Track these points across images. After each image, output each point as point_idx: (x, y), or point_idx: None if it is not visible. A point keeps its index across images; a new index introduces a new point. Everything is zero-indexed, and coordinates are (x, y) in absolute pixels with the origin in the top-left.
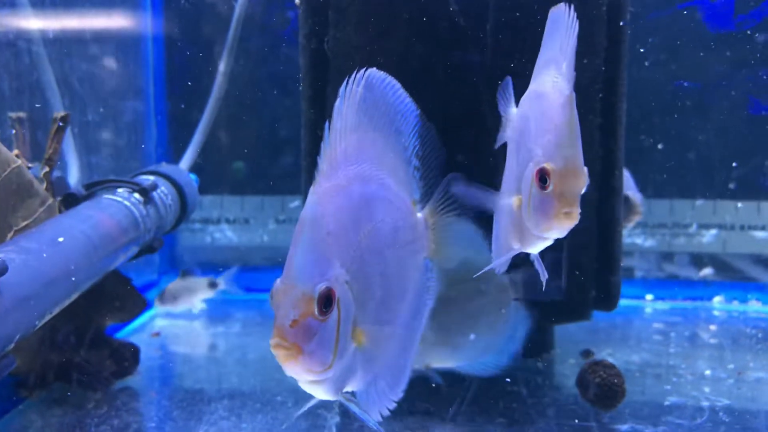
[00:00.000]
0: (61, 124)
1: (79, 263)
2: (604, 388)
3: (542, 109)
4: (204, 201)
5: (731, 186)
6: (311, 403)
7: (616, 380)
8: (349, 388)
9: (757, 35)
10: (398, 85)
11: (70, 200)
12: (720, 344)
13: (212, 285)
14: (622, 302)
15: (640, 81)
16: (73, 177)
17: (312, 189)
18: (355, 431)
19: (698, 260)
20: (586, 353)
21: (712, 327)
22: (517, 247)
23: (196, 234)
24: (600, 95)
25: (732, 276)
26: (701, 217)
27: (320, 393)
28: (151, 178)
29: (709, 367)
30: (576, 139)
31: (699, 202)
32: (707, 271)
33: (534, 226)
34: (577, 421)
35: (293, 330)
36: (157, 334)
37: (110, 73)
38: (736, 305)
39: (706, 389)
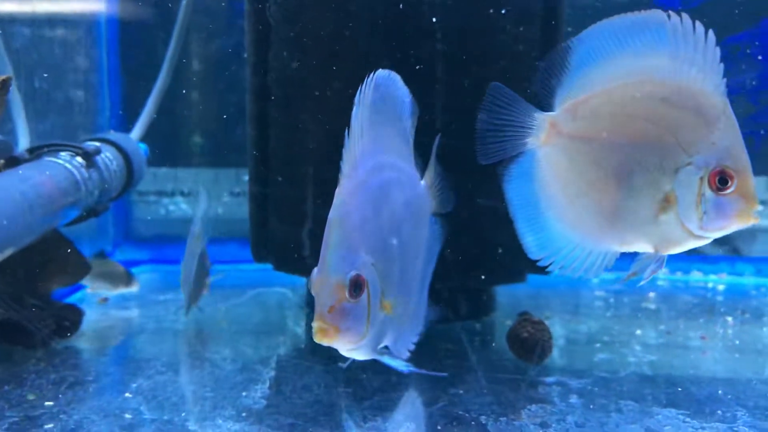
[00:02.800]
0: (2, 88)
1: (15, 220)
2: (531, 342)
3: (688, 109)
4: (158, 173)
5: None
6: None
7: (544, 335)
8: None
9: (703, 12)
10: (398, 77)
11: (13, 163)
12: (657, 309)
13: (128, 282)
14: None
15: None
16: (23, 146)
17: (337, 191)
18: (288, 385)
19: None
20: (523, 315)
21: (651, 294)
22: (617, 249)
23: (151, 206)
24: (537, 63)
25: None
26: None
27: (359, 356)
28: (97, 144)
29: (640, 329)
30: (741, 138)
31: None
32: None
33: (706, 229)
34: (505, 374)
35: (331, 315)
36: (105, 299)
37: (63, 44)
38: (679, 275)
39: (637, 347)
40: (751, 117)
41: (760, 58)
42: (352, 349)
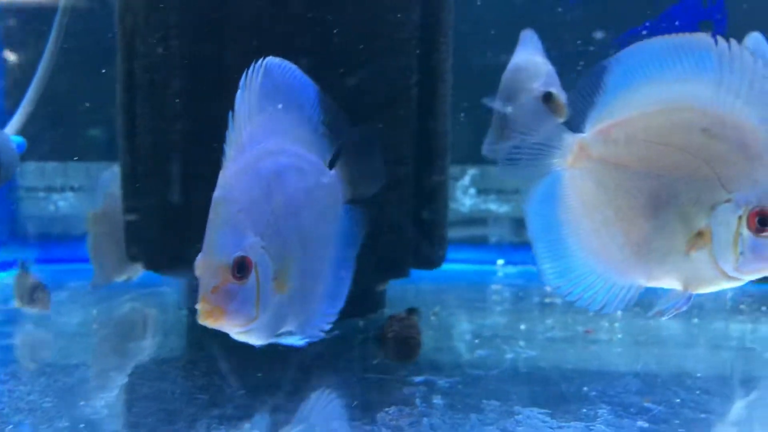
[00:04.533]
0: None
1: None
2: (398, 341)
3: (730, 142)
4: (47, 168)
5: None
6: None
7: (411, 333)
8: (285, 329)
9: (606, 3)
10: (294, 67)
11: None
12: (551, 303)
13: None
14: (474, 267)
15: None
16: None
17: (221, 174)
18: (138, 393)
19: None
20: (411, 311)
21: (549, 288)
22: (643, 283)
23: (40, 202)
24: (417, 51)
25: None
26: None
27: (253, 339)
28: None
29: (528, 323)
30: None
31: None
32: None
33: (741, 270)
34: (374, 374)
35: (214, 295)
36: None
37: None
38: None
39: (521, 343)
40: None
41: None
42: (243, 332)
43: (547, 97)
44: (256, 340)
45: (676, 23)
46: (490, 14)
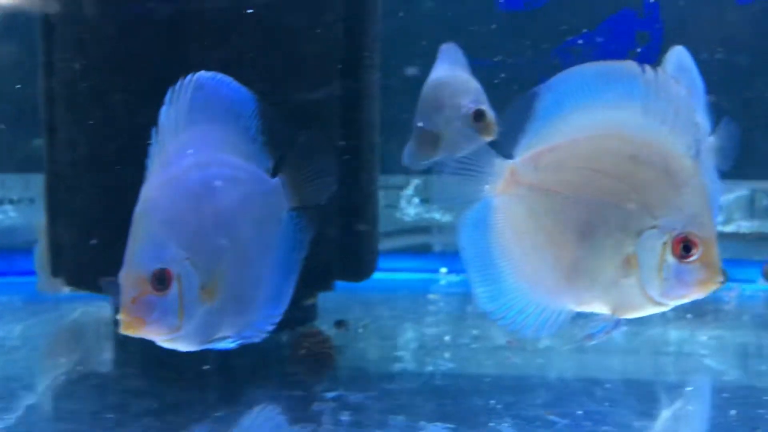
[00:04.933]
0: None
1: None
2: (309, 357)
3: (657, 169)
4: None
5: None
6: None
7: (322, 348)
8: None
9: (547, 12)
10: (228, 78)
11: None
12: (484, 313)
13: None
14: (417, 275)
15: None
16: None
17: (144, 187)
18: (41, 413)
19: None
20: (339, 324)
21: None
22: (573, 308)
23: None
24: (339, 66)
25: None
26: None
27: (182, 347)
28: None
29: (452, 335)
30: (709, 205)
31: None
32: None
33: (666, 296)
34: (289, 391)
35: (134, 306)
36: None
37: None
38: None
39: (446, 354)
40: None
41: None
42: (168, 339)
43: (478, 116)
44: (184, 347)
45: (612, 34)
46: (420, 26)
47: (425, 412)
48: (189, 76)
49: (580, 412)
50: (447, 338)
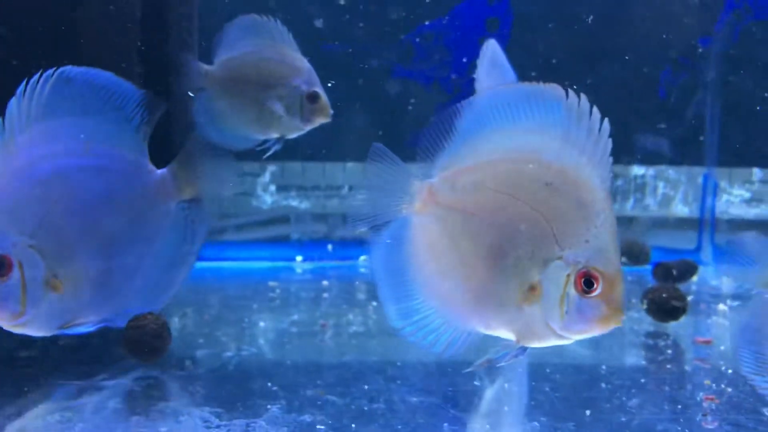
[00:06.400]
0: None
1: None
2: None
3: (570, 199)
4: None
5: None
6: None
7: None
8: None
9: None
10: (107, 73)
11: None
12: (316, 297)
13: None
14: (274, 264)
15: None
16: None
17: None
18: None
19: None
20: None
21: (325, 282)
22: (482, 331)
23: None
24: (138, 42)
25: None
26: (353, 179)
27: (31, 332)
28: None
29: (273, 321)
30: (617, 241)
31: (350, 165)
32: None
33: (567, 329)
34: (72, 380)
35: None
36: None
37: None
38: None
39: (260, 341)
40: (444, 105)
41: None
42: (14, 325)
43: (312, 97)
44: (35, 332)
45: (462, 21)
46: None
47: (197, 398)
48: (51, 70)
49: (360, 391)
50: (263, 324)
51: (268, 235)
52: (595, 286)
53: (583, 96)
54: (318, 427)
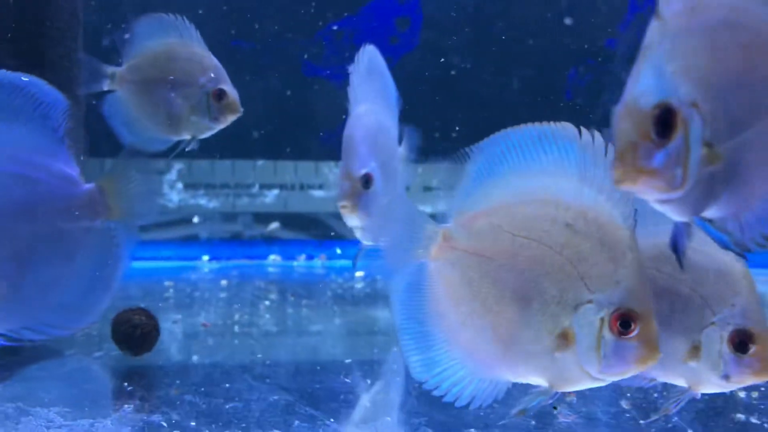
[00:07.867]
0: None
1: None
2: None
3: (593, 239)
4: None
5: (289, 148)
6: None
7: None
8: None
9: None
10: (37, 80)
11: None
12: (210, 298)
13: None
14: (178, 263)
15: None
16: None
17: None
18: None
19: (262, 219)
20: None
21: (224, 282)
22: (510, 379)
23: None
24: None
25: (290, 235)
26: (263, 177)
27: None
28: None
29: (175, 321)
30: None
31: (260, 163)
32: (274, 226)
33: (605, 372)
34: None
35: None
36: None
37: None
38: (296, 261)
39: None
40: None
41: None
42: None
43: (219, 95)
44: None
45: (372, 19)
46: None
47: (51, 398)
48: None
49: (221, 391)
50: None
51: (176, 235)
52: (632, 327)
53: (596, 134)
54: (161, 424)
